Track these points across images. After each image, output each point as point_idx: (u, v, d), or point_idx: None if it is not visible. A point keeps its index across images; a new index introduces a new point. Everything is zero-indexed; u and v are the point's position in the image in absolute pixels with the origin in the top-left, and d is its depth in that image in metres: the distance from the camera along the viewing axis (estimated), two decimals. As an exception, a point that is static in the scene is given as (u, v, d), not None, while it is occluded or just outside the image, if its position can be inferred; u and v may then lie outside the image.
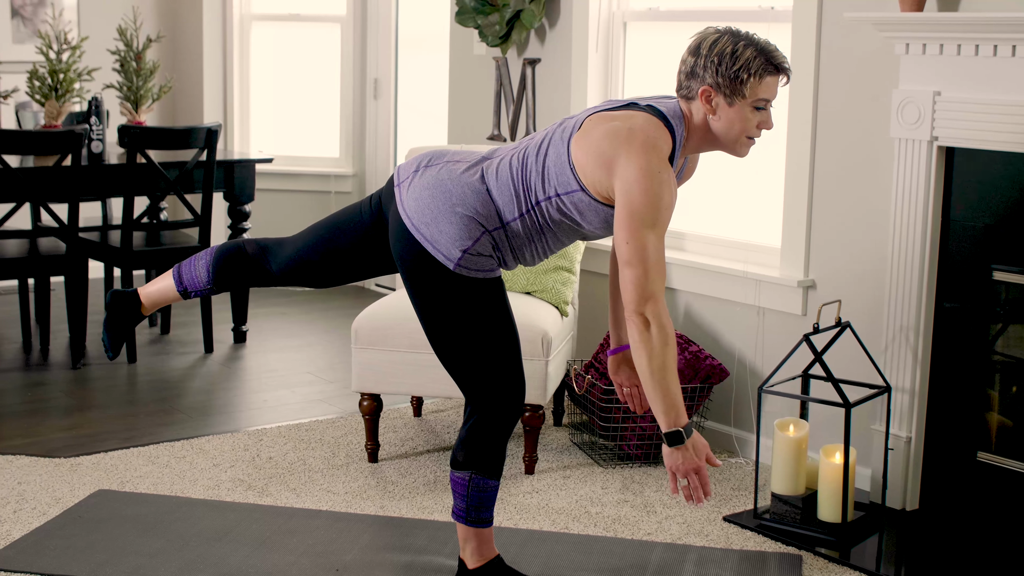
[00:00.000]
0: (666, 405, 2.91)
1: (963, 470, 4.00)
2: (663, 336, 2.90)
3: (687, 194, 4.95)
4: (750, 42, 2.96)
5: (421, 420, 4.96)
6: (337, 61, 7.54)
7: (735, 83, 2.94)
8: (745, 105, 2.97)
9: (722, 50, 2.95)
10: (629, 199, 2.90)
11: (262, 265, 3.44)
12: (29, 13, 7.22)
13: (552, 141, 3.07)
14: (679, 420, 2.92)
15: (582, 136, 3.00)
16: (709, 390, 4.49)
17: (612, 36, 5.17)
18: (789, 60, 4.34)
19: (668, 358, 2.90)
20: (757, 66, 2.94)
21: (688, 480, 2.95)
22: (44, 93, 5.87)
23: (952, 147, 3.92)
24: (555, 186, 3.03)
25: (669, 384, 2.90)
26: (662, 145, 2.94)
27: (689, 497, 2.96)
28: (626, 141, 2.91)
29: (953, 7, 3.89)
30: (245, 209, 6.11)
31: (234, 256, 3.46)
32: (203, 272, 3.46)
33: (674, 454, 2.94)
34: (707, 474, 2.96)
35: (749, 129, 3.00)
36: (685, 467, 2.94)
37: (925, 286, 3.99)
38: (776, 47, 2.99)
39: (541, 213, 3.07)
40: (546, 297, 4.61)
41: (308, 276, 3.42)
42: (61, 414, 4.94)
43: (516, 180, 3.07)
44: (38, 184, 5.40)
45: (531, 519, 3.97)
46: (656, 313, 2.90)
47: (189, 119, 7.70)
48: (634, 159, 2.89)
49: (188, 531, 3.79)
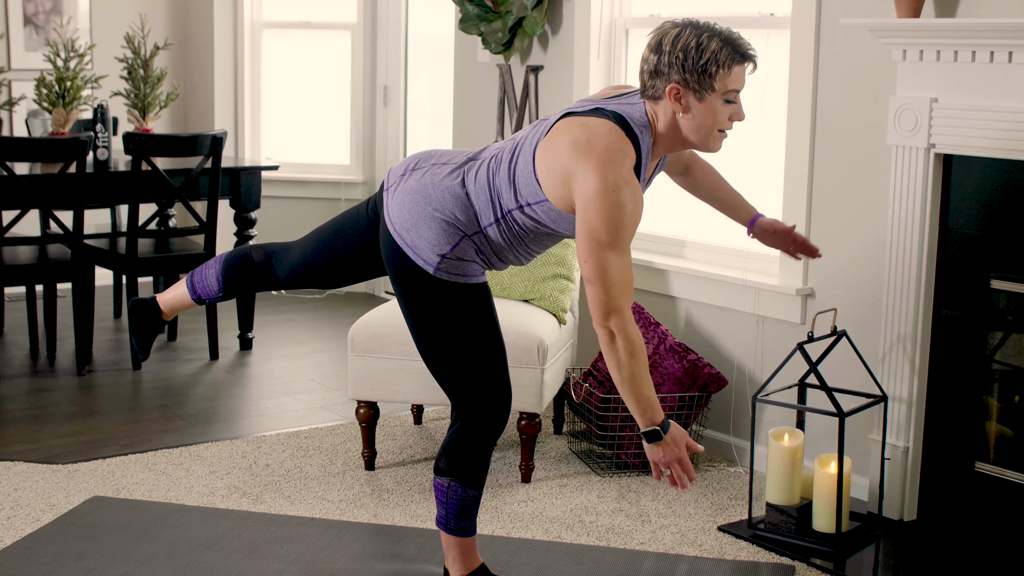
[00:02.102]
0: (641, 407, 2.96)
1: (961, 480, 3.96)
2: (629, 347, 2.92)
3: (687, 203, 4.94)
4: (713, 33, 2.88)
5: (421, 428, 4.95)
6: (348, 68, 7.55)
7: (704, 77, 2.87)
8: (716, 98, 2.90)
9: (686, 44, 2.87)
10: (587, 218, 2.86)
11: (269, 271, 3.47)
12: (41, 21, 7.26)
13: (523, 148, 3.04)
14: (654, 418, 2.97)
15: (546, 144, 2.96)
16: (707, 398, 4.47)
17: (614, 43, 5.15)
18: (788, 64, 4.34)
19: (636, 367, 2.93)
20: (725, 56, 2.86)
21: (671, 470, 3.00)
22: (52, 101, 5.89)
23: (949, 154, 3.89)
24: (524, 196, 3.01)
25: (641, 389, 2.94)
26: (623, 158, 2.87)
27: (675, 483, 3.02)
28: (584, 154, 2.86)
29: (950, 13, 3.85)
30: (251, 216, 6.12)
31: (241, 264, 3.50)
32: (213, 281, 3.52)
33: (654, 449, 2.99)
34: (688, 461, 3.01)
35: (721, 122, 2.94)
36: (666, 459, 3.00)
37: (922, 294, 3.95)
38: (739, 34, 2.91)
39: (514, 220, 3.06)
40: (544, 305, 4.59)
41: (314, 280, 3.46)
42: (63, 420, 4.95)
43: (491, 186, 3.06)
44: (44, 191, 5.42)
45: (524, 528, 3.95)
46: (621, 327, 2.91)
47: (200, 126, 7.72)
48: (590, 176, 2.84)
49: (179, 538, 3.79)
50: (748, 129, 4.60)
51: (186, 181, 5.69)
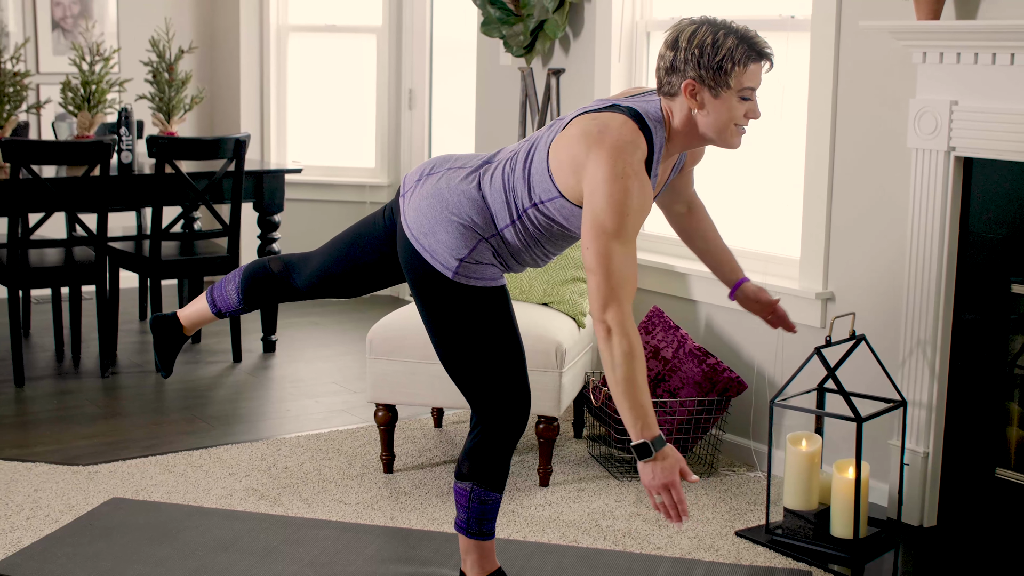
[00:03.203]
0: (632, 416, 2.79)
1: (981, 486, 3.93)
2: (626, 346, 2.79)
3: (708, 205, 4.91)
4: (730, 30, 2.88)
5: (441, 431, 4.95)
6: (373, 71, 7.57)
7: (719, 74, 2.86)
8: (731, 95, 2.89)
9: (702, 41, 2.86)
10: (593, 204, 2.84)
11: (288, 282, 3.49)
12: (69, 25, 7.31)
13: (538, 146, 3.04)
14: (646, 432, 2.78)
15: (560, 139, 2.97)
16: (727, 403, 4.44)
17: (635, 45, 5.14)
18: (808, 66, 4.31)
19: (633, 369, 2.78)
20: (740, 54, 2.86)
21: (663, 497, 2.80)
22: (77, 104, 5.93)
23: (970, 157, 3.85)
24: (538, 193, 3.01)
25: (636, 395, 2.79)
26: (634, 149, 2.86)
27: (668, 516, 2.81)
28: (596, 143, 2.86)
29: (970, 15, 3.82)
30: (274, 219, 6.13)
31: (261, 276, 3.52)
32: (233, 294, 3.54)
33: (645, 468, 2.79)
34: (682, 491, 2.79)
35: (737, 118, 2.92)
36: (657, 483, 2.79)
37: (942, 298, 3.92)
38: (756, 33, 2.91)
39: (529, 220, 3.05)
40: (563, 308, 4.58)
41: (333, 289, 3.46)
42: (86, 422, 4.98)
43: (507, 187, 3.06)
44: (68, 194, 5.46)
45: (541, 532, 3.94)
46: (619, 321, 2.79)
47: (226, 129, 7.75)
48: (601, 162, 2.83)
49: (196, 540, 3.80)
50: (768, 131, 4.59)
51: (209, 184, 5.71)
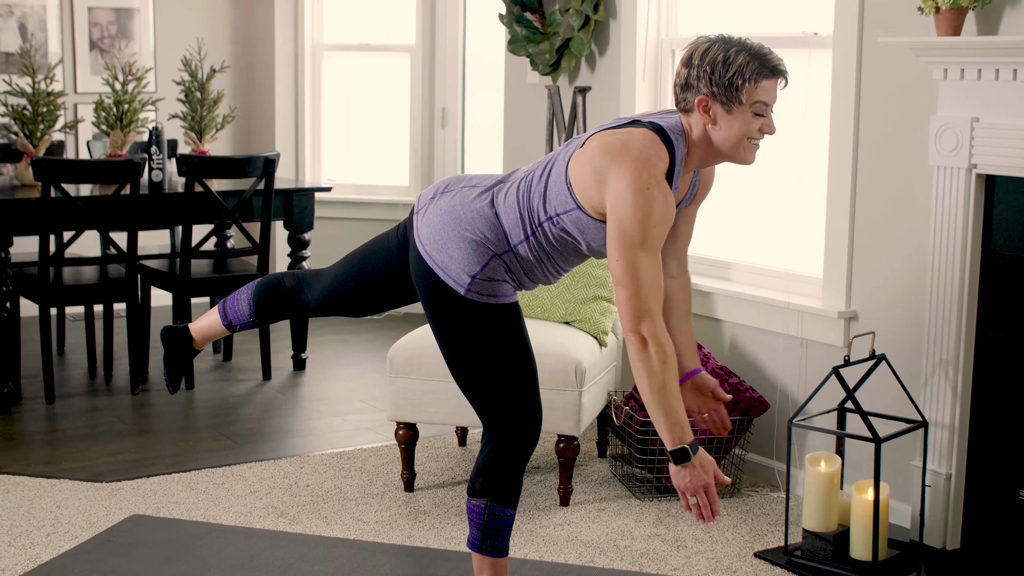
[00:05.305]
0: (669, 423, 2.87)
1: (1005, 508, 3.86)
2: (661, 355, 2.85)
3: (732, 225, 4.89)
4: (742, 47, 2.91)
5: (464, 450, 4.94)
6: (407, 90, 7.59)
7: (730, 90, 2.90)
8: (744, 111, 2.91)
9: (714, 58, 2.91)
10: (618, 216, 2.87)
11: (299, 298, 3.50)
12: (107, 45, 7.39)
13: (556, 162, 3.07)
14: (684, 437, 2.87)
15: (580, 154, 2.99)
16: (750, 422, 4.41)
17: (660, 63, 5.13)
18: (831, 83, 4.27)
19: (668, 376, 2.86)
20: (751, 71, 2.89)
21: (697, 499, 2.90)
22: (110, 123, 5.99)
23: (992, 175, 3.81)
24: (555, 206, 3.02)
25: (671, 402, 2.86)
26: (656, 161, 2.89)
27: (701, 516, 2.91)
28: (619, 156, 2.89)
29: (991, 31, 3.78)
30: (304, 237, 6.16)
31: (273, 290, 3.53)
32: (245, 307, 3.55)
33: (680, 472, 2.89)
34: (715, 492, 2.91)
35: (750, 132, 2.93)
36: (693, 485, 2.89)
37: (964, 317, 3.87)
38: (770, 50, 2.93)
39: (544, 234, 3.06)
40: (584, 327, 4.57)
41: (343, 307, 3.46)
42: (113, 439, 5.02)
43: (521, 203, 3.07)
44: (99, 212, 5.51)
45: (558, 552, 3.92)
46: (653, 332, 2.85)
47: (261, 148, 7.80)
48: (625, 174, 2.86)
49: (212, 557, 3.81)
50: (790, 149, 4.56)
51: (239, 203, 5.74)
